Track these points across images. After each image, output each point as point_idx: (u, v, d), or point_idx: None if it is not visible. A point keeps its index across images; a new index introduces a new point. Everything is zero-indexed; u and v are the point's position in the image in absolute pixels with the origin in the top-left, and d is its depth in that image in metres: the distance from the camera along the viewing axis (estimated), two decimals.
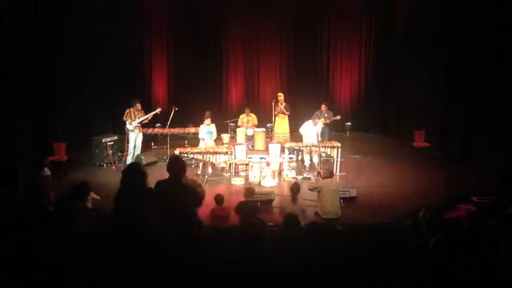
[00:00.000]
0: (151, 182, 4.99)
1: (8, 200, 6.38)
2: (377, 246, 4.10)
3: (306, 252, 3.85)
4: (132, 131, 10.77)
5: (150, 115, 10.91)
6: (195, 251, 4.00)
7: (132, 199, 4.60)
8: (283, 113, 12.04)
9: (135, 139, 10.87)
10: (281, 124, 12.13)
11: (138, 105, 10.81)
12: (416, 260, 3.84)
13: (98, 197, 7.03)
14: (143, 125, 11.14)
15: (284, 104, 12.05)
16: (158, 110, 11.13)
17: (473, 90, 10.58)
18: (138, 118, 10.74)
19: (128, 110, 10.73)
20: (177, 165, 5.05)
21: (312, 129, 10.72)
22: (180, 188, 4.94)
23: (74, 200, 6.00)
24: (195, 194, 5.05)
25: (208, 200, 7.07)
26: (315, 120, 10.82)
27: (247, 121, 12.53)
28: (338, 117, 11.77)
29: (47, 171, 7.68)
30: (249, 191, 7.12)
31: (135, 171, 4.83)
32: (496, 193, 8.02)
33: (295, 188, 6.95)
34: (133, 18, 13.75)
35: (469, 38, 10.36)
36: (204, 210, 6.84)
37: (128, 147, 10.89)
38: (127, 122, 10.73)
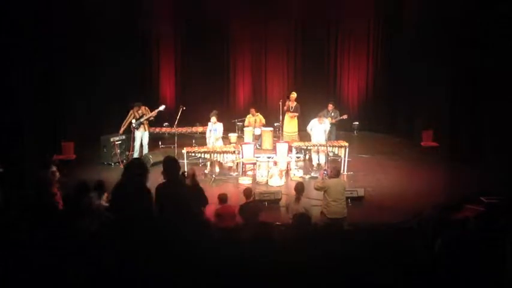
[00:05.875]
0: (157, 182, 4.92)
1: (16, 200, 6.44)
2: (384, 246, 4.09)
3: (313, 251, 3.84)
4: (137, 129, 10.94)
5: (154, 112, 11.04)
6: (201, 251, 4.00)
7: (130, 194, 4.53)
8: (292, 112, 11.95)
9: (141, 137, 11.04)
10: (290, 123, 12.08)
11: (139, 107, 10.97)
12: (422, 260, 3.83)
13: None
14: (151, 124, 11.29)
15: (295, 103, 11.99)
16: (162, 107, 11.22)
17: (482, 90, 10.49)
18: (143, 116, 10.91)
19: (131, 111, 10.98)
20: (171, 166, 4.83)
21: (318, 127, 10.69)
22: (183, 189, 4.79)
23: (80, 197, 6.04)
24: (200, 194, 4.94)
25: (215, 199, 7.09)
26: (321, 118, 10.78)
27: (254, 120, 12.52)
28: (345, 116, 11.75)
29: (55, 169, 7.70)
30: (247, 192, 7.08)
31: (137, 166, 4.72)
32: (505, 193, 7.95)
33: (299, 188, 6.92)
34: (141, 18, 13.80)
35: (478, 37, 10.29)
36: (211, 210, 6.86)
37: (133, 145, 11.03)
38: (132, 120, 10.91)
